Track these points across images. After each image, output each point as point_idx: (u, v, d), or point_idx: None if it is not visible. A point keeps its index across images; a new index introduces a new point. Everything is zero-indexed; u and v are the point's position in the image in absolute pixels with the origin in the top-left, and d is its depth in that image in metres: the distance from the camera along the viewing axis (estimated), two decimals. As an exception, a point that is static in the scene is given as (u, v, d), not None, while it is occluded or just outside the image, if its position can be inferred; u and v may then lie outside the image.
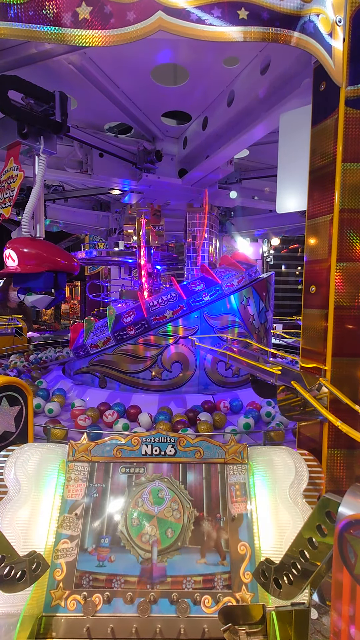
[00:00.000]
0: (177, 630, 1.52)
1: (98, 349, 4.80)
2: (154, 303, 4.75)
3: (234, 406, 4.42)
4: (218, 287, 4.92)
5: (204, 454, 1.90)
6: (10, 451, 1.87)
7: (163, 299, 4.80)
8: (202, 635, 1.52)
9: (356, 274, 1.97)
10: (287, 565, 1.34)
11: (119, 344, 4.70)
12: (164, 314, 4.70)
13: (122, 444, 1.91)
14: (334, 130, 1.96)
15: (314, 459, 1.99)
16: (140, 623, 1.52)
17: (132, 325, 4.66)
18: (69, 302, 20.78)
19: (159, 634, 1.51)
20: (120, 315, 4.77)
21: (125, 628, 1.52)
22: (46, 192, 7.83)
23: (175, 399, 4.59)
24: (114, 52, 3.76)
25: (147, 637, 1.51)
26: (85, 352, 4.94)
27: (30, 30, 1.59)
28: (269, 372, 2.19)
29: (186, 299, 4.77)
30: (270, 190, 6.79)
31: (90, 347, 4.85)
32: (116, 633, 1.51)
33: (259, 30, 1.69)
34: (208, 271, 5.08)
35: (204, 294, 4.85)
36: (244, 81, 3.99)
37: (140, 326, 4.67)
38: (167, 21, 1.62)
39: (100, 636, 1.51)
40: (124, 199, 7.34)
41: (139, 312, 4.72)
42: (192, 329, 4.72)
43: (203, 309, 4.76)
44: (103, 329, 4.83)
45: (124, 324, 4.68)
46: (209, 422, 3.84)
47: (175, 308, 4.73)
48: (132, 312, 4.77)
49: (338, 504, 1.14)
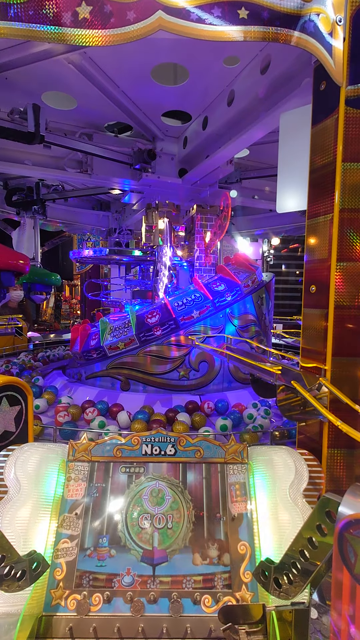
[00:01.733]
0: (184, 629, 1.52)
1: (118, 350, 4.66)
2: (179, 303, 4.73)
3: (219, 407, 4.38)
4: (238, 287, 5.02)
5: (204, 454, 1.90)
6: (10, 451, 1.87)
7: (187, 299, 4.80)
8: (209, 634, 1.52)
9: (356, 273, 1.97)
10: (287, 564, 1.34)
11: (143, 345, 4.62)
12: (191, 314, 4.71)
13: (122, 443, 1.91)
14: (334, 130, 1.96)
15: (314, 458, 1.99)
16: (146, 622, 1.52)
17: (158, 325, 4.60)
18: (70, 301, 20.78)
19: (165, 634, 1.51)
20: (142, 316, 4.69)
21: (130, 627, 1.52)
22: (46, 192, 7.84)
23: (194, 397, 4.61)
24: (114, 51, 3.76)
25: (153, 636, 1.51)
26: (101, 355, 4.76)
27: (30, 30, 1.59)
28: (269, 371, 2.19)
29: (212, 299, 4.80)
30: (270, 190, 6.79)
31: (109, 349, 4.70)
32: (122, 632, 1.51)
33: (259, 30, 1.69)
34: (227, 272, 5.14)
35: (227, 294, 4.92)
36: (244, 81, 3.99)
37: (167, 326, 4.63)
38: (167, 21, 1.62)
39: (105, 635, 1.51)
40: (124, 198, 7.34)
41: (165, 313, 4.67)
42: (217, 328, 4.79)
43: (226, 309, 4.83)
44: (123, 330, 4.71)
45: (149, 324, 4.60)
46: (185, 422, 3.84)
47: (202, 308, 4.76)
48: (155, 312, 4.70)
49: (338, 504, 1.14)
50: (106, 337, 4.74)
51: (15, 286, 8.65)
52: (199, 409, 4.33)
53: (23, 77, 4.14)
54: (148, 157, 5.30)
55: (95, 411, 4.17)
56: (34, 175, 6.40)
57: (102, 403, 4.38)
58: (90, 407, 4.25)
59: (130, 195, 6.96)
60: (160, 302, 4.96)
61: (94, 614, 1.54)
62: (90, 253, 5.95)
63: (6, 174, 7.18)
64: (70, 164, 5.72)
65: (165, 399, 4.55)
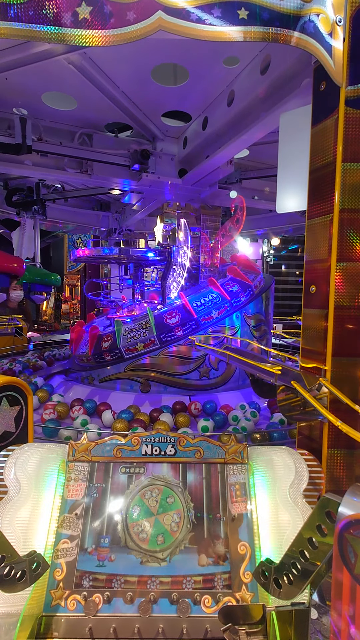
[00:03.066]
0: (180, 630, 1.52)
1: (136, 352, 4.60)
2: (198, 303, 4.75)
3: (207, 408, 4.38)
4: (250, 288, 5.09)
5: (204, 454, 1.90)
6: (10, 451, 1.87)
7: (205, 299, 4.83)
8: (205, 635, 1.52)
9: (356, 274, 1.97)
10: (287, 565, 1.34)
11: (164, 346, 4.59)
12: (210, 315, 4.73)
13: (122, 443, 1.91)
14: (334, 130, 1.96)
15: (314, 459, 1.99)
16: (142, 623, 1.52)
17: (179, 326, 4.60)
18: (69, 301, 20.77)
19: (162, 634, 1.51)
20: (160, 316, 4.68)
21: (127, 628, 1.52)
22: (46, 192, 7.84)
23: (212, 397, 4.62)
24: (114, 52, 3.76)
25: (150, 637, 1.51)
26: (116, 357, 4.67)
27: (30, 30, 1.59)
28: (269, 371, 2.19)
29: (230, 299, 4.85)
30: (270, 190, 6.78)
31: (126, 351, 4.62)
32: (118, 633, 1.51)
33: (259, 30, 1.69)
34: (238, 273, 5.17)
35: (241, 294, 4.98)
36: (244, 81, 3.99)
37: (188, 327, 4.63)
38: (167, 21, 1.61)
39: (102, 636, 1.51)
40: (124, 199, 7.34)
41: (185, 313, 4.67)
42: (234, 328, 4.84)
43: (242, 309, 4.90)
44: (141, 331, 4.64)
45: (170, 325, 4.59)
46: (167, 422, 3.85)
47: (221, 308, 4.80)
48: (175, 313, 4.70)
49: (338, 504, 1.14)
50: (122, 339, 4.65)
51: (15, 286, 8.66)
52: (186, 409, 4.33)
53: (23, 77, 4.14)
54: (142, 157, 5.31)
55: (81, 409, 4.20)
56: (34, 175, 6.40)
57: (90, 402, 4.39)
58: (78, 405, 4.28)
59: (130, 195, 6.95)
60: (173, 302, 4.97)
61: (94, 614, 1.54)
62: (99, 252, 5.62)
63: (6, 174, 7.18)
64: (70, 165, 5.72)
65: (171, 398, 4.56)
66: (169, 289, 5.53)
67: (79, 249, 5.45)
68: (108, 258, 5.43)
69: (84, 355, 4.96)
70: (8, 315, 8.35)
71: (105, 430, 3.86)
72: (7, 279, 7.78)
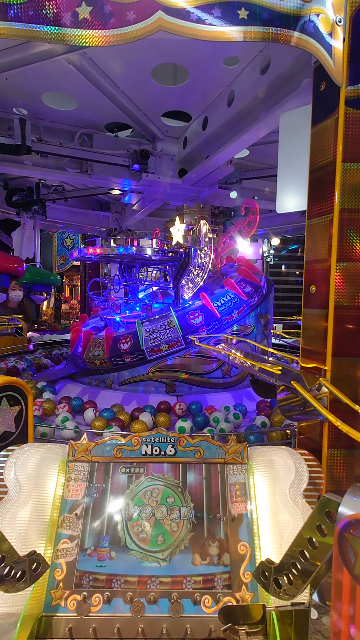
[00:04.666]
0: (184, 630, 1.52)
1: (160, 353, 4.57)
2: (219, 304, 4.83)
3: (192, 409, 4.36)
4: (260, 288, 5.19)
5: (204, 454, 1.90)
6: (10, 451, 1.87)
7: (223, 299, 4.90)
8: (209, 635, 1.52)
9: (356, 274, 1.97)
10: (287, 565, 1.34)
11: (189, 347, 4.58)
12: (231, 314, 4.81)
13: (122, 444, 1.91)
14: (334, 130, 1.96)
15: (314, 459, 1.99)
16: (146, 623, 1.52)
17: (203, 326, 4.66)
18: (69, 301, 20.77)
19: (165, 634, 1.51)
20: (183, 317, 4.71)
21: (130, 628, 1.52)
22: (46, 192, 7.85)
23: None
24: (114, 52, 3.76)
25: (153, 637, 1.51)
26: (137, 358, 4.60)
27: (30, 30, 1.59)
28: (269, 372, 2.19)
29: (247, 299, 4.94)
30: (270, 190, 6.78)
31: (150, 352, 4.56)
32: (122, 633, 1.51)
33: (259, 30, 1.69)
34: (248, 274, 5.27)
35: (254, 295, 5.08)
36: (244, 81, 3.99)
37: (212, 327, 4.70)
38: (167, 21, 1.62)
39: (105, 636, 1.51)
40: (124, 199, 7.34)
41: (208, 313, 4.74)
42: (250, 327, 4.94)
43: (256, 309, 5.02)
44: (164, 332, 4.60)
45: (195, 325, 4.63)
46: (145, 422, 3.86)
47: (239, 308, 4.89)
48: (197, 313, 4.74)
49: (338, 504, 1.14)
50: (144, 340, 4.59)
51: (15, 286, 8.66)
52: (170, 409, 4.33)
53: (23, 77, 4.14)
54: (141, 157, 5.32)
55: (66, 407, 4.22)
56: (34, 175, 6.41)
57: (77, 399, 4.41)
58: (63, 402, 4.31)
59: (130, 195, 6.95)
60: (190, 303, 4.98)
61: (94, 615, 1.54)
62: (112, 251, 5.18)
63: (6, 174, 7.18)
64: (70, 165, 5.73)
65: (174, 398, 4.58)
66: (182, 289, 5.51)
67: (88, 247, 5.19)
68: (122, 257, 5.31)
69: (97, 358, 4.81)
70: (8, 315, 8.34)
71: (84, 428, 3.87)
72: (7, 279, 7.81)
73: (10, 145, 4.65)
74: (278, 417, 3.87)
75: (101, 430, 3.66)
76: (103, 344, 4.83)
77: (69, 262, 18.15)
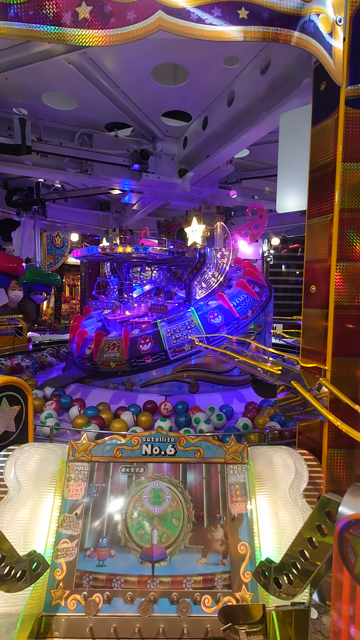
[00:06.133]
0: (180, 629, 1.52)
1: (183, 353, 4.54)
2: (235, 303, 4.89)
3: (178, 409, 4.32)
4: (265, 288, 5.27)
5: (204, 454, 1.90)
6: (10, 451, 1.87)
7: (238, 300, 4.97)
8: (205, 635, 1.52)
9: (356, 273, 1.97)
10: (287, 565, 1.34)
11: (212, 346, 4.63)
12: (247, 314, 4.87)
13: (122, 443, 1.91)
14: (334, 130, 1.96)
15: (314, 458, 1.99)
16: (143, 623, 1.52)
17: (224, 325, 4.71)
18: (69, 301, 20.76)
19: (162, 634, 1.51)
20: (204, 316, 4.74)
21: (127, 628, 1.52)
22: (46, 192, 7.85)
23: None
24: (114, 51, 3.76)
25: (150, 637, 1.51)
26: (159, 359, 4.55)
27: (30, 30, 1.59)
28: (269, 371, 2.19)
29: (259, 299, 5.02)
30: (270, 190, 6.79)
31: (172, 352, 4.52)
32: (119, 633, 1.51)
33: (259, 30, 1.69)
34: (254, 275, 5.35)
35: (262, 295, 5.17)
36: (244, 81, 3.99)
37: (231, 326, 4.76)
38: (167, 21, 1.62)
39: (103, 636, 1.51)
40: (124, 199, 7.34)
41: (227, 313, 4.79)
42: (261, 326, 5.04)
43: (265, 309, 5.12)
44: (186, 332, 4.57)
45: (216, 325, 4.68)
46: (125, 421, 3.86)
47: (253, 308, 4.98)
48: (216, 313, 4.79)
49: (338, 504, 1.14)
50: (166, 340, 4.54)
51: (15, 286, 8.66)
52: (157, 409, 4.31)
53: (23, 77, 4.14)
54: (141, 157, 5.32)
55: (53, 404, 4.24)
56: (34, 175, 6.41)
57: (66, 397, 4.42)
58: (51, 400, 4.34)
59: (130, 195, 6.95)
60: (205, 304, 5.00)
61: (94, 614, 1.54)
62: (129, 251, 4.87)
63: (6, 174, 7.18)
64: (70, 165, 5.73)
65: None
66: (195, 289, 5.49)
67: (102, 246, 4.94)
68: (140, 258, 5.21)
69: (112, 360, 4.70)
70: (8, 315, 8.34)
71: (66, 425, 3.88)
72: (7, 279, 7.81)
73: (10, 145, 4.67)
74: (262, 419, 3.88)
75: (79, 428, 3.67)
76: (119, 346, 4.73)
77: (58, 261, 18.02)
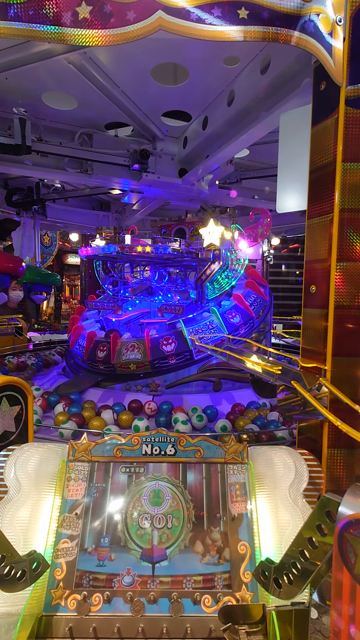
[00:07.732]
0: (184, 629, 1.52)
1: (206, 352, 4.54)
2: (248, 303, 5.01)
3: (164, 409, 4.28)
4: (268, 288, 5.46)
5: (204, 454, 1.90)
6: (10, 451, 1.87)
7: (249, 300, 5.08)
8: (209, 634, 1.52)
9: (356, 273, 1.97)
10: (287, 564, 1.34)
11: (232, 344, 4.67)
12: (259, 313, 5.02)
13: (122, 443, 1.91)
14: (334, 129, 1.96)
15: (314, 458, 1.99)
16: (146, 623, 1.52)
17: (242, 324, 4.82)
18: (69, 301, 20.77)
19: (165, 634, 1.51)
20: (224, 315, 4.81)
21: (130, 628, 1.52)
22: (46, 192, 7.85)
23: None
24: (114, 51, 3.76)
25: (153, 636, 1.51)
26: (183, 359, 4.58)
27: (30, 30, 1.59)
28: (269, 371, 2.19)
29: (267, 299, 5.16)
30: (270, 190, 6.79)
31: (197, 352, 4.57)
32: (122, 633, 1.51)
33: (259, 30, 1.69)
34: (258, 276, 5.45)
35: (267, 295, 5.32)
36: (244, 81, 3.99)
37: (249, 325, 4.88)
38: (167, 21, 1.61)
39: (106, 635, 1.51)
40: (124, 198, 7.34)
41: (243, 312, 4.90)
42: (267, 324, 5.20)
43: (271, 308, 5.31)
44: (208, 332, 4.60)
45: (235, 324, 4.77)
46: (104, 420, 3.88)
47: (263, 307, 5.12)
48: (234, 313, 4.87)
49: (338, 504, 1.14)
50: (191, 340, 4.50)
51: (15, 286, 8.67)
52: (141, 409, 4.29)
53: (23, 77, 4.14)
54: (141, 157, 5.33)
55: (39, 400, 4.30)
56: (34, 175, 6.41)
57: (54, 395, 4.45)
58: (39, 397, 4.39)
59: (130, 195, 6.95)
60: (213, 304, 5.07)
61: (94, 614, 1.54)
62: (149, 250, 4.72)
63: (6, 174, 7.18)
64: (70, 165, 5.73)
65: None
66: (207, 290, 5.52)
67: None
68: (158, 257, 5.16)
69: (132, 362, 4.63)
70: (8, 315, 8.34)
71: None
72: (7, 279, 7.83)
73: (10, 145, 4.69)
74: (243, 421, 3.88)
75: (57, 426, 3.73)
76: (139, 347, 4.66)
77: (47, 260, 17.94)
